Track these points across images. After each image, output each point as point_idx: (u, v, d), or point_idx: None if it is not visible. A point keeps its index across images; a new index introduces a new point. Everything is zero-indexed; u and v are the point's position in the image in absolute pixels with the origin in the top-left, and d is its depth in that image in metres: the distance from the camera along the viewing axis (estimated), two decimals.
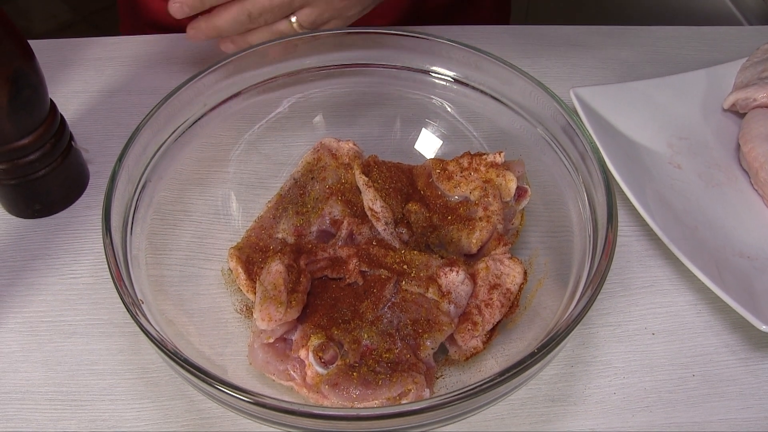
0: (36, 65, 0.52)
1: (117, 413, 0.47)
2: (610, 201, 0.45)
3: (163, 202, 0.51)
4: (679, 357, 0.51)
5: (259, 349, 0.45)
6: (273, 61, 0.56)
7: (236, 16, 0.58)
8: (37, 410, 0.47)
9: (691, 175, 0.62)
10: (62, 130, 0.56)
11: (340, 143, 0.56)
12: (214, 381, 0.38)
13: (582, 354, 0.51)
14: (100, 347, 0.50)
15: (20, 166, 0.53)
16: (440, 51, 0.56)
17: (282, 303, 0.44)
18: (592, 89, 0.64)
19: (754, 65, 0.67)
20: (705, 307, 0.54)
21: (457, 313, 0.47)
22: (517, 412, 0.48)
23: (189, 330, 0.46)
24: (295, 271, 0.47)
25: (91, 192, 0.60)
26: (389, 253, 0.49)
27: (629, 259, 0.57)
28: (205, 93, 0.54)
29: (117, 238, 0.45)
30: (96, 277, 0.54)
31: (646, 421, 0.48)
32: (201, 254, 0.52)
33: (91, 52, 0.72)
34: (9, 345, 0.50)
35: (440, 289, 0.47)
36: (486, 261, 0.49)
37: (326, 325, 0.45)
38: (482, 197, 0.52)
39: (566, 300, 0.45)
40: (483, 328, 0.47)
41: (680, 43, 0.77)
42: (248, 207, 0.55)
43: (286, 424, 0.39)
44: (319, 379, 0.43)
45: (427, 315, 0.46)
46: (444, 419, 0.39)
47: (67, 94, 0.67)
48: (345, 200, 0.53)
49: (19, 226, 0.57)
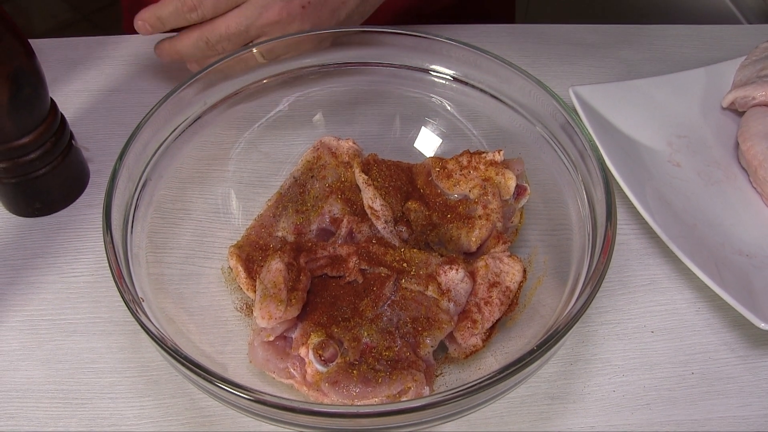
0: (36, 64, 0.52)
1: (117, 411, 0.47)
2: (609, 199, 0.45)
3: (164, 201, 0.51)
4: (678, 355, 0.51)
5: (260, 347, 0.45)
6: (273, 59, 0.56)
7: (195, 41, 0.60)
8: (38, 408, 0.47)
9: (690, 173, 0.62)
10: (62, 128, 0.56)
11: (339, 142, 0.56)
12: (215, 379, 0.38)
13: (581, 352, 0.51)
14: (101, 345, 0.50)
15: (21, 164, 0.54)
16: (440, 49, 0.56)
17: (282, 301, 0.44)
18: (591, 88, 0.64)
19: (753, 63, 0.67)
20: (704, 305, 0.54)
21: (456, 311, 0.47)
22: (517, 409, 0.48)
23: (189, 328, 0.46)
24: (295, 270, 0.47)
25: (91, 190, 0.60)
26: (389, 251, 0.49)
27: (628, 257, 0.57)
28: (205, 92, 0.54)
29: (117, 237, 0.45)
30: (96, 276, 0.54)
31: (646, 418, 0.48)
32: (201, 252, 0.52)
33: (92, 51, 0.72)
34: (10, 343, 0.50)
35: (440, 287, 0.47)
36: (485, 259, 0.49)
37: (326, 323, 0.45)
38: (481, 195, 0.53)
39: (565, 298, 0.45)
40: (482, 326, 0.47)
41: (679, 41, 0.77)
42: (248, 205, 0.56)
43: (286, 422, 0.39)
44: (319, 377, 0.43)
45: (427, 313, 0.46)
46: (444, 417, 0.39)
47: (67, 92, 0.68)
48: (345, 198, 0.53)
49: (20, 225, 0.57)
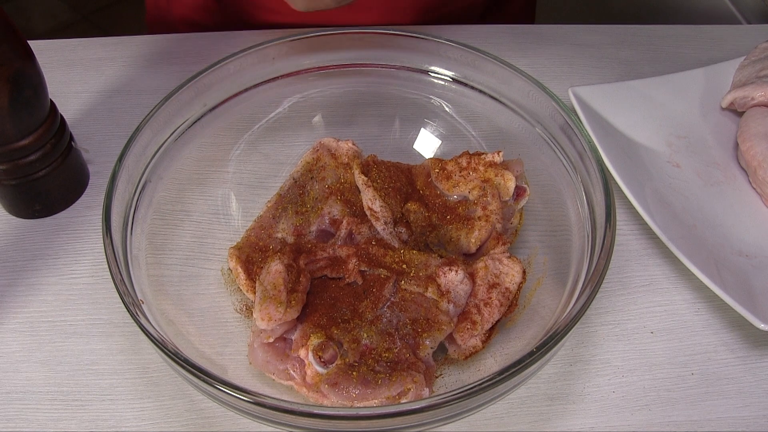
0: (36, 66, 0.52)
1: (117, 413, 0.47)
2: (609, 200, 0.45)
3: (163, 202, 0.51)
4: (678, 355, 0.51)
5: (259, 348, 0.45)
6: (273, 60, 0.56)
7: None
8: (38, 410, 0.47)
9: (689, 174, 0.62)
10: (62, 130, 0.56)
11: (339, 143, 0.56)
12: (215, 381, 0.38)
13: (581, 353, 0.51)
14: (101, 347, 0.50)
15: (20, 166, 0.54)
16: (439, 51, 0.56)
17: (281, 302, 0.44)
18: (591, 88, 0.64)
19: (752, 63, 0.67)
20: (703, 306, 0.54)
21: (456, 312, 0.47)
22: (516, 410, 0.48)
23: (189, 330, 0.46)
24: (294, 271, 0.47)
25: (91, 192, 0.60)
26: (388, 252, 0.49)
27: (628, 258, 0.57)
28: (205, 93, 0.54)
29: (117, 238, 0.45)
30: (96, 277, 0.54)
31: (645, 419, 0.48)
32: (201, 254, 0.52)
33: (91, 52, 0.72)
34: (9, 345, 0.50)
35: (439, 289, 0.47)
36: (485, 260, 0.49)
37: (326, 325, 0.45)
38: (481, 197, 0.53)
39: (565, 299, 0.45)
40: (482, 327, 0.47)
41: (678, 41, 0.77)
42: (248, 207, 0.56)
43: (286, 424, 0.39)
44: (319, 379, 0.43)
45: (426, 314, 0.46)
46: (443, 418, 0.39)
47: (67, 94, 0.68)
48: (344, 200, 0.53)
49: (20, 227, 0.57)
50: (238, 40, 0.73)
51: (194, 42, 0.74)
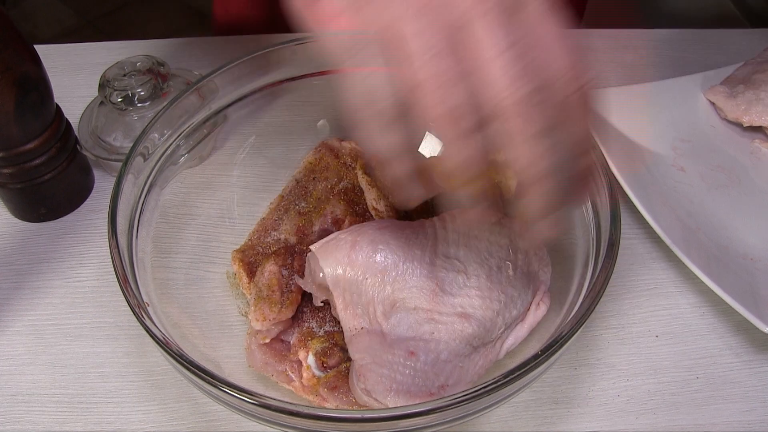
0: (42, 70, 0.52)
1: (123, 415, 0.47)
2: (614, 204, 0.45)
3: (169, 206, 0.52)
4: (683, 359, 0.51)
5: (257, 349, 0.45)
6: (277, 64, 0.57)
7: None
8: (43, 413, 0.47)
9: (694, 178, 0.62)
10: (68, 134, 0.56)
11: (342, 143, 0.56)
12: (219, 383, 0.38)
13: (586, 356, 0.51)
14: (106, 350, 0.50)
15: (26, 170, 0.54)
16: None
17: (276, 303, 0.44)
18: (594, 92, 0.64)
19: (756, 63, 0.67)
20: (708, 310, 0.54)
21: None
22: (521, 414, 0.48)
23: (194, 332, 0.46)
24: (289, 272, 0.47)
25: (96, 196, 0.60)
26: None
27: (633, 262, 0.57)
28: (210, 97, 0.54)
29: (123, 242, 0.45)
30: (102, 281, 0.54)
31: (650, 423, 0.48)
32: (206, 257, 0.52)
33: (97, 56, 0.73)
34: (15, 348, 0.51)
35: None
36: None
37: (325, 326, 0.45)
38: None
39: (570, 302, 0.45)
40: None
41: (683, 45, 0.77)
42: (252, 210, 0.56)
43: (290, 426, 0.39)
44: (315, 382, 0.43)
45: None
46: (448, 421, 0.39)
47: (72, 98, 0.68)
48: (347, 200, 0.53)
49: (25, 230, 0.58)
50: (239, 45, 0.73)
51: (199, 46, 0.74)
